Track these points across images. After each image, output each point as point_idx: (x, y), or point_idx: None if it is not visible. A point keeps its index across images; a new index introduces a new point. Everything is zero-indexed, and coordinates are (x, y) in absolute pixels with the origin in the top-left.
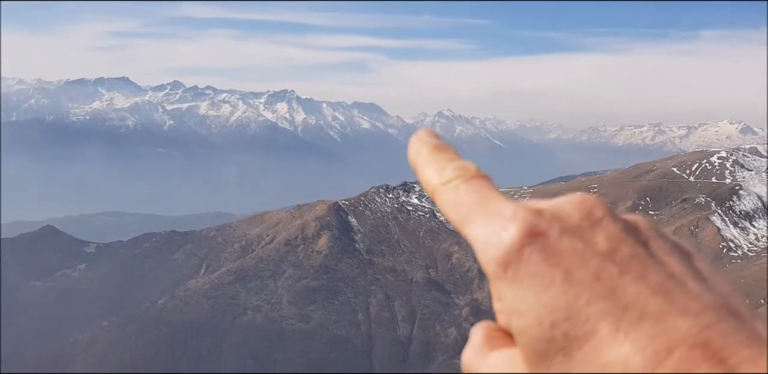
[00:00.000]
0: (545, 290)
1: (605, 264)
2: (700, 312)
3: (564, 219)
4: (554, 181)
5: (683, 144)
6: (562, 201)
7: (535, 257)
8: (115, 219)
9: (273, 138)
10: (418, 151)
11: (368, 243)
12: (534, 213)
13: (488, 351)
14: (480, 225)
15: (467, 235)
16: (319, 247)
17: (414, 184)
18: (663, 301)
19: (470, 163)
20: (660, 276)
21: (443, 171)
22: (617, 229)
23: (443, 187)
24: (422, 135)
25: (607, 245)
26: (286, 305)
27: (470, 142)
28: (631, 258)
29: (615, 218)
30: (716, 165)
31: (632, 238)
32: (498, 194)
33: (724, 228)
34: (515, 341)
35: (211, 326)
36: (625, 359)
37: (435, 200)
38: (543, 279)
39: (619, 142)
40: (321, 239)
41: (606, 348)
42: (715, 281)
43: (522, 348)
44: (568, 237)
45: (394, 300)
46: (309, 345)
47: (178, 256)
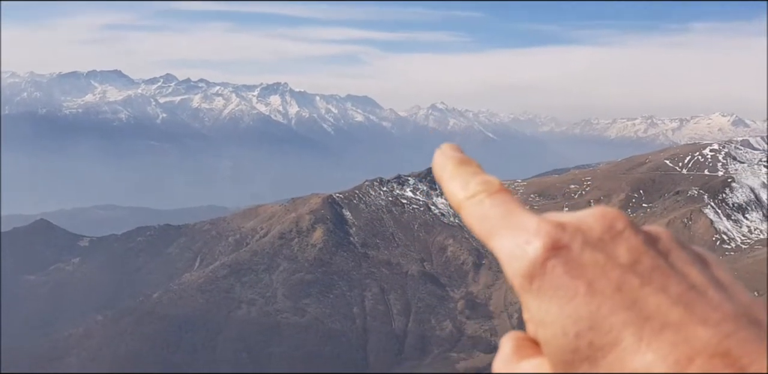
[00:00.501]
0: (569, 301)
1: (627, 276)
2: (720, 321)
3: (586, 232)
4: (547, 173)
5: (676, 136)
6: (584, 214)
7: (559, 270)
8: (109, 213)
9: (266, 131)
10: (443, 165)
11: (363, 236)
12: (557, 226)
13: (518, 360)
14: (505, 238)
15: (493, 248)
16: (313, 241)
17: (408, 178)
18: (684, 311)
19: (493, 177)
20: (681, 286)
21: (467, 185)
22: (638, 241)
23: (468, 202)
24: (446, 149)
25: (628, 257)
26: (281, 298)
27: (463, 135)
28: (652, 269)
29: (636, 230)
30: (709, 157)
31: (653, 250)
32: (521, 208)
33: (717, 220)
34: (542, 351)
35: (206, 320)
36: (648, 367)
37: (460, 214)
38: (567, 291)
39: (611, 134)
40: (315, 232)
41: (630, 357)
42: (735, 290)
43: (549, 358)
44: (590, 250)
45: (389, 294)
46: (304, 338)
47: (172, 250)
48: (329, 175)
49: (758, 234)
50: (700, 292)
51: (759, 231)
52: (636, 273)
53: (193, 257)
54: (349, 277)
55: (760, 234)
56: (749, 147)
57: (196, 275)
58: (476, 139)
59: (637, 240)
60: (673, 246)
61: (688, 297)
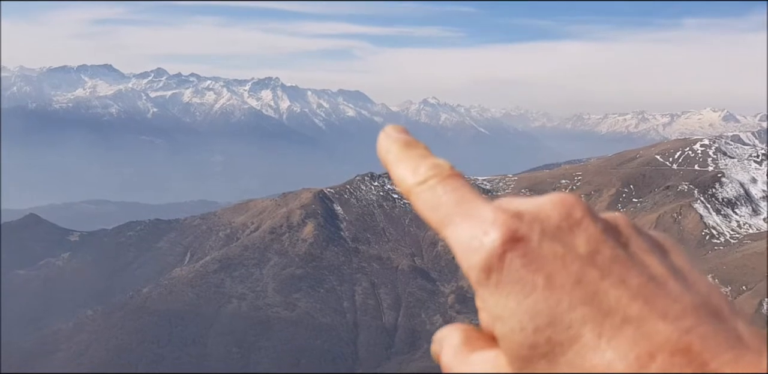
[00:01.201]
0: (527, 296)
1: (586, 268)
2: (680, 315)
3: (544, 222)
4: (539, 168)
5: (666, 132)
6: (541, 201)
7: (517, 263)
8: (99, 208)
9: (258, 125)
10: (388, 148)
11: (354, 231)
12: (514, 216)
13: (469, 351)
14: (460, 228)
15: (447, 238)
16: (304, 235)
17: None
18: (643, 305)
19: (443, 160)
20: (640, 278)
21: (417, 169)
22: (597, 231)
23: (419, 188)
24: (390, 131)
25: (587, 248)
26: (272, 293)
27: (455, 130)
28: (611, 260)
29: (595, 218)
30: (699, 152)
31: (612, 239)
32: (475, 194)
33: (707, 215)
34: (499, 345)
35: (196, 314)
36: (609, 365)
37: (410, 200)
38: (524, 286)
39: (603, 129)
40: (306, 227)
41: (589, 354)
42: (695, 278)
43: (506, 353)
44: (549, 241)
45: (380, 288)
46: (294, 333)
47: (163, 245)
48: (320, 170)
49: (747, 229)
50: (659, 283)
51: (748, 226)
52: (595, 265)
53: (184, 252)
54: (339, 272)
55: (749, 229)
56: (740, 142)
57: (187, 270)
58: (468, 134)
59: (596, 230)
60: (632, 233)
61: (648, 289)
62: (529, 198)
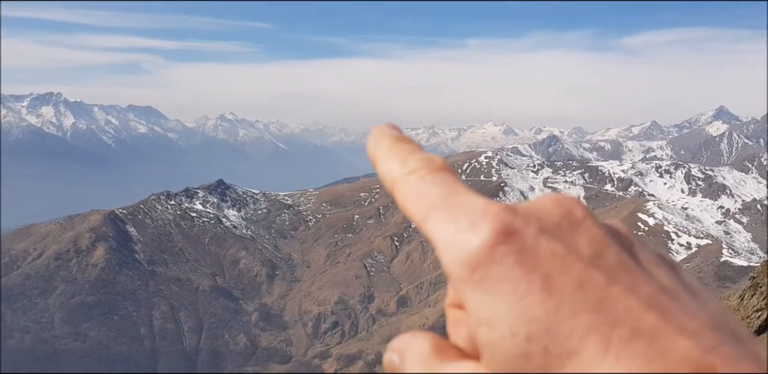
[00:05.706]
0: (520, 298)
1: (590, 272)
2: (700, 331)
3: (542, 218)
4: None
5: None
6: (537, 199)
7: (509, 260)
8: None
9: (39, 144)
10: (378, 141)
11: (149, 253)
12: (508, 210)
13: (440, 360)
14: (444, 220)
15: (428, 232)
16: (94, 260)
17: (197, 190)
18: (658, 317)
19: (436, 155)
20: (651, 287)
21: (406, 161)
22: (601, 233)
23: (406, 178)
24: (383, 127)
25: (590, 250)
26: (59, 324)
27: (254, 146)
28: (617, 265)
29: (597, 220)
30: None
31: (617, 244)
32: (467, 189)
33: None
34: (481, 356)
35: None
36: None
37: (394, 193)
38: (517, 286)
39: None
40: (96, 251)
41: (594, 369)
42: (706, 298)
43: (490, 364)
44: (547, 239)
45: (180, 311)
46: (87, 364)
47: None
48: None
49: None
50: (672, 296)
51: None
52: (600, 268)
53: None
54: (135, 297)
55: None
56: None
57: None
58: (267, 149)
59: (599, 232)
60: (635, 242)
61: (661, 300)
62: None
